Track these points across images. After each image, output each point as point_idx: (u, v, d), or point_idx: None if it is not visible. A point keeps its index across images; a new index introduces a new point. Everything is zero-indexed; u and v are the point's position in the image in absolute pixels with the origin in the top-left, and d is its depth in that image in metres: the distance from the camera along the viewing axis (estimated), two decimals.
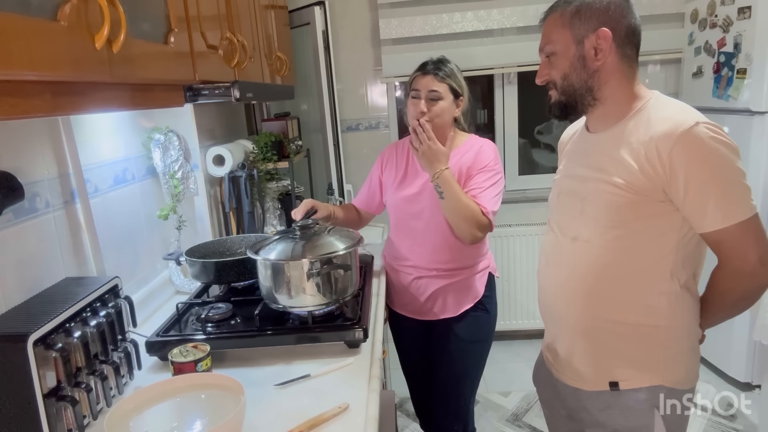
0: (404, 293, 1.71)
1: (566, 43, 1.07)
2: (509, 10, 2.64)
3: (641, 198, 1.00)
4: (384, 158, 1.76)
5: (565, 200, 1.18)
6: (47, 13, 0.66)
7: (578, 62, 1.06)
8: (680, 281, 1.05)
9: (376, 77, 2.85)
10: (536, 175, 3.06)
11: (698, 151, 0.95)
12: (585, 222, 1.10)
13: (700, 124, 0.96)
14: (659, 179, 0.98)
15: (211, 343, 1.16)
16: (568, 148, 1.24)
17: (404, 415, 2.45)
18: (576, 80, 1.07)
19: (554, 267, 1.18)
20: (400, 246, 1.70)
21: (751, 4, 2.15)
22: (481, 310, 1.66)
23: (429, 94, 1.56)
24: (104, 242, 1.30)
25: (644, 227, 1.03)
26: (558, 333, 1.20)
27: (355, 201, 1.85)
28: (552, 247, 1.20)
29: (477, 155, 1.60)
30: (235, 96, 1.25)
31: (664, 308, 1.05)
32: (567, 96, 1.09)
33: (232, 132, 2.26)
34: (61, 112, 0.90)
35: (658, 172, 0.98)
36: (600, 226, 1.06)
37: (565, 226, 1.16)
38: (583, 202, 1.10)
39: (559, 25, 1.07)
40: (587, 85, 1.07)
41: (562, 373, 1.19)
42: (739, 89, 2.26)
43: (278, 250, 1.32)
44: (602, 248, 1.07)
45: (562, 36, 1.07)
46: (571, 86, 1.08)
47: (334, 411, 1.00)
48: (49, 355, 0.88)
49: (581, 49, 1.05)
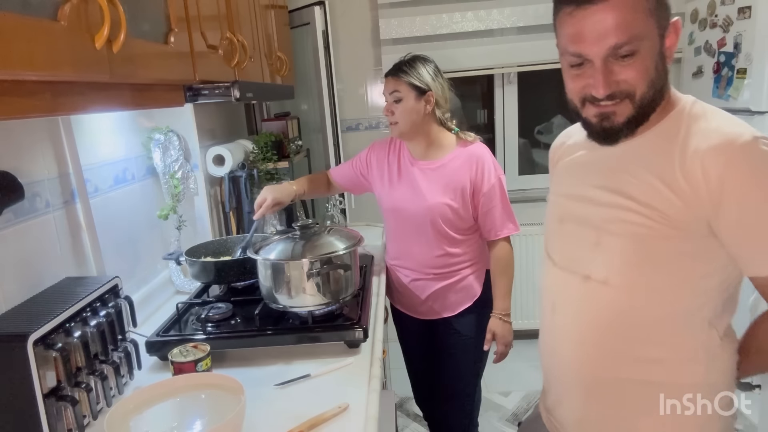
0: (405, 292, 1.72)
1: (652, 37, 0.79)
2: (509, 10, 2.64)
3: (676, 232, 0.80)
4: (374, 154, 1.72)
5: (571, 229, 0.95)
6: (47, 13, 0.66)
7: (660, 62, 0.81)
8: (719, 331, 0.86)
9: (376, 77, 2.84)
10: (536, 175, 3.06)
11: (760, 174, 0.76)
12: (600, 257, 0.88)
13: (759, 139, 0.76)
14: (702, 208, 0.78)
15: (211, 343, 1.16)
16: (567, 161, 1.01)
17: (404, 415, 2.45)
18: (658, 86, 0.82)
19: (562, 314, 0.96)
20: (396, 248, 1.70)
21: (751, 4, 2.15)
22: (480, 308, 1.66)
23: (391, 96, 1.56)
24: (104, 242, 1.30)
25: (678, 268, 0.83)
26: (565, 394, 0.99)
27: (332, 172, 1.84)
28: (558, 288, 0.98)
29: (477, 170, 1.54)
30: (235, 96, 1.25)
31: (701, 364, 0.86)
32: (643, 109, 0.83)
33: (232, 132, 2.25)
34: (61, 112, 0.90)
35: (701, 198, 0.78)
36: (621, 263, 0.86)
37: (573, 261, 0.94)
38: (598, 233, 0.89)
39: (642, 10, 0.77)
40: (661, 91, 0.83)
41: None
42: (739, 89, 2.26)
43: (278, 250, 1.32)
44: (623, 291, 0.86)
45: (647, 26, 0.78)
46: (653, 96, 0.82)
47: (334, 411, 1.00)
48: (49, 355, 0.88)
49: (663, 44, 0.81)
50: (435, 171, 1.58)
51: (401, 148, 1.67)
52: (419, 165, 1.61)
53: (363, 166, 1.75)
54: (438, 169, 1.58)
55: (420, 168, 1.61)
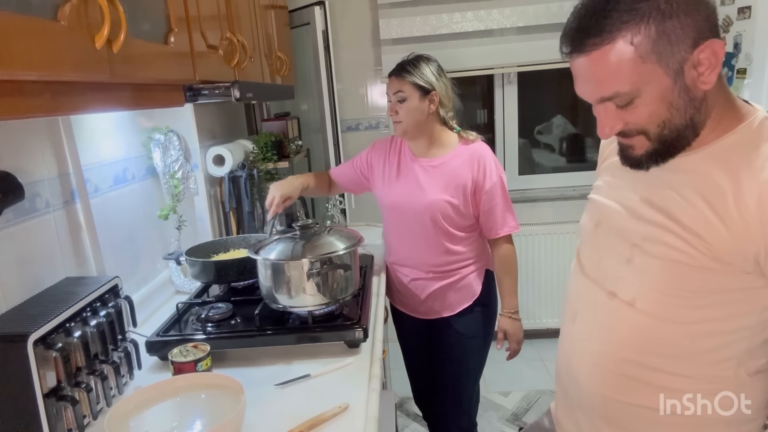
0: (404, 292, 1.72)
1: (656, 81, 0.72)
2: (509, 10, 2.64)
3: (718, 265, 0.73)
4: (376, 153, 1.72)
5: (606, 237, 0.89)
6: (47, 13, 0.66)
7: (681, 98, 0.73)
8: (748, 371, 0.80)
9: (376, 77, 2.84)
10: (536, 175, 3.06)
11: None
12: (631, 276, 0.83)
13: None
14: (753, 242, 0.71)
15: (211, 343, 1.16)
16: (615, 161, 0.88)
17: (404, 415, 2.46)
18: (680, 121, 0.74)
19: (582, 324, 0.91)
20: (395, 248, 1.70)
21: (751, 4, 2.15)
22: (480, 306, 1.66)
23: (395, 96, 1.56)
24: (104, 242, 1.30)
25: (715, 303, 0.76)
26: (575, 409, 0.95)
27: (333, 172, 1.84)
28: (582, 297, 0.93)
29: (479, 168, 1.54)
30: (235, 96, 1.25)
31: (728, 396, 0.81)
32: (666, 144, 0.76)
33: (232, 132, 2.25)
34: (61, 112, 0.90)
35: (753, 231, 0.70)
36: (651, 288, 0.80)
37: (602, 272, 0.88)
38: (633, 250, 0.82)
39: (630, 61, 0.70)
40: (693, 122, 0.75)
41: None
42: (739, 89, 2.26)
43: (278, 250, 1.32)
44: (649, 317, 0.80)
45: (642, 74, 0.71)
46: (675, 131, 0.75)
47: (334, 411, 1.00)
48: (49, 354, 0.88)
49: (682, 80, 0.72)
50: (436, 168, 1.58)
51: (402, 145, 1.67)
52: (420, 162, 1.61)
53: (364, 165, 1.74)
54: (439, 167, 1.58)
55: (421, 165, 1.61)
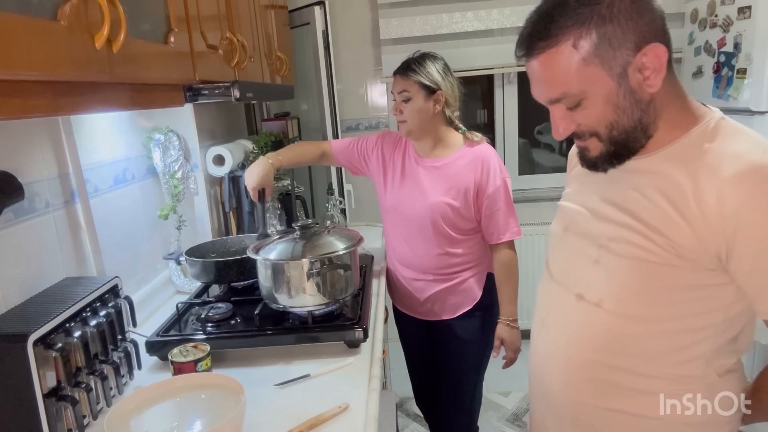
0: (404, 292, 1.72)
1: (600, 83, 0.74)
2: (509, 10, 2.64)
3: (682, 262, 0.74)
4: (382, 146, 1.70)
5: (572, 241, 0.90)
6: (47, 13, 0.66)
7: (626, 100, 0.75)
8: (718, 370, 0.81)
9: (376, 77, 2.84)
10: (536, 175, 3.06)
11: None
12: (597, 278, 0.84)
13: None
14: (715, 239, 0.72)
15: (211, 343, 1.16)
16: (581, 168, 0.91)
17: (404, 415, 2.45)
18: (628, 123, 0.77)
19: (550, 331, 0.92)
20: (396, 248, 1.70)
21: (751, 4, 2.15)
22: (480, 310, 1.65)
23: (400, 95, 1.54)
24: (104, 242, 1.30)
25: (680, 300, 0.77)
26: (546, 416, 0.95)
27: (333, 143, 1.79)
28: (550, 302, 0.94)
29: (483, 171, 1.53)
30: (235, 96, 1.25)
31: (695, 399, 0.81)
32: (617, 145, 0.79)
33: (232, 132, 2.25)
34: (61, 112, 0.90)
35: (714, 229, 0.71)
36: (618, 287, 0.81)
37: (569, 276, 0.90)
38: (599, 251, 0.83)
39: (573, 64, 0.73)
40: (641, 123, 0.77)
41: None
42: (739, 89, 2.26)
43: (278, 250, 1.32)
44: (617, 317, 0.81)
45: (585, 76, 0.74)
46: (623, 132, 0.77)
47: (334, 411, 1.00)
48: (49, 355, 0.88)
49: (626, 82, 0.74)
50: (439, 169, 1.58)
51: (407, 146, 1.66)
52: (424, 163, 1.61)
53: (368, 150, 1.71)
54: (442, 168, 1.57)
55: (424, 166, 1.60)
